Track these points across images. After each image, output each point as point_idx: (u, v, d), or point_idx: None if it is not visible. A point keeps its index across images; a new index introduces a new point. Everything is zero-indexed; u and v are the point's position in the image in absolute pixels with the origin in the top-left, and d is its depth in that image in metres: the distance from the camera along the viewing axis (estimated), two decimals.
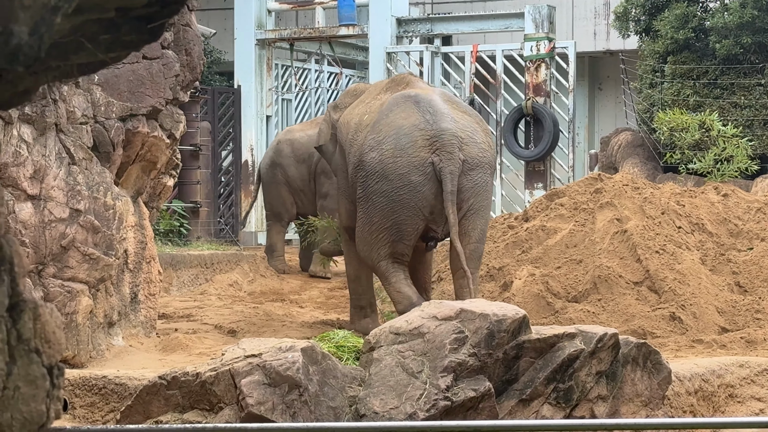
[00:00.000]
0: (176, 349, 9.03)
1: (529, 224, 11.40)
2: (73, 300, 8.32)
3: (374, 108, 10.13)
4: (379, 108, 10.05)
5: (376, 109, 10.06)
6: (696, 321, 10.03)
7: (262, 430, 6.31)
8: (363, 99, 10.56)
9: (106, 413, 7.52)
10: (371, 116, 10.05)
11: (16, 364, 2.26)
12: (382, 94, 10.34)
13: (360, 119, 10.18)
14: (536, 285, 10.42)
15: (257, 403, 6.35)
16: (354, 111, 10.44)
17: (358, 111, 10.37)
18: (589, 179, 11.70)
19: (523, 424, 6.76)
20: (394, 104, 9.93)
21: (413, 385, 6.55)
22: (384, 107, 9.98)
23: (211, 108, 17.91)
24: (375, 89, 10.65)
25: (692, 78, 19.94)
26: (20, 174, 8.02)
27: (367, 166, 9.75)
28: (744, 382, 8.51)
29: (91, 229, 8.46)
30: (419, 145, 9.59)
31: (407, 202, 9.57)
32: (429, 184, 9.50)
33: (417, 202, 9.54)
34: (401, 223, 9.63)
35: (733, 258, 10.84)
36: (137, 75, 9.04)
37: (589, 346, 7.02)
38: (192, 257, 13.62)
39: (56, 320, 2.32)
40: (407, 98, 9.93)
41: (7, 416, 2.23)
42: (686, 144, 18.37)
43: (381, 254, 9.79)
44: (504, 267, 10.90)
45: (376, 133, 9.81)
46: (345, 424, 6.43)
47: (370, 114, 10.10)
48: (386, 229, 9.71)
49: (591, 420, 6.87)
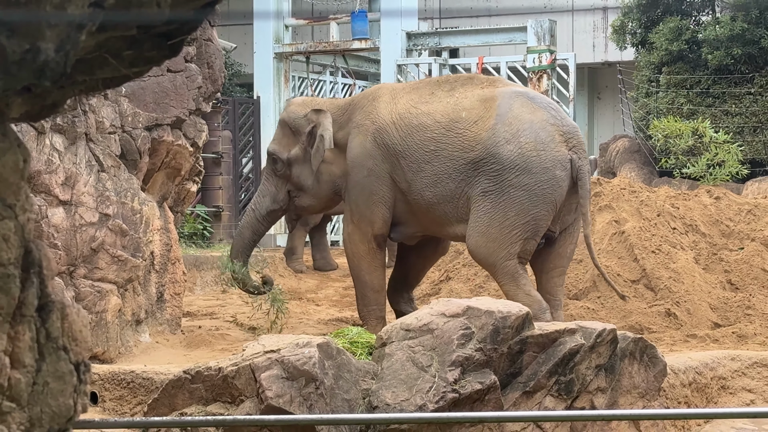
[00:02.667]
0: (200, 345, 9.04)
1: None
2: (102, 299, 8.33)
3: (464, 104, 9.20)
4: (472, 104, 9.18)
5: (471, 106, 9.17)
6: (690, 317, 10.01)
7: (281, 422, 6.31)
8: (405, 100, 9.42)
9: (134, 406, 7.52)
10: (473, 112, 9.14)
11: (45, 361, 2.26)
12: (452, 92, 9.38)
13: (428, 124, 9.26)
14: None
15: (276, 396, 6.35)
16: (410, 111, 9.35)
17: (424, 110, 9.32)
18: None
19: (526, 415, 6.74)
20: (508, 98, 9.18)
21: (423, 378, 6.54)
22: (496, 102, 9.14)
23: (232, 118, 17.94)
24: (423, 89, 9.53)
25: (686, 87, 19.91)
26: (53, 181, 8.04)
27: (503, 159, 8.94)
28: (735, 375, 8.48)
29: (119, 233, 8.47)
30: (557, 141, 9.03)
31: (548, 196, 8.92)
32: (567, 180, 8.97)
33: (556, 198, 8.94)
34: (539, 219, 8.95)
35: (725, 257, 10.81)
36: (162, 87, 9.05)
37: (588, 341, 7.01)
38: (215, 258, 13.60)
39: (83, 319, 2.32)
40: (519, 94, 9.29)
41: (37, 410, 2.23)
42: (680, 150, 18.33)
43: (511, 252, 8.99)
44: None
45: (507, 125, 9.00)
46: (359, 416, 6.42)
47: (467, 110, 9.16)
48: (522, 224, 8.96)
49: (591, 411, 6.85)
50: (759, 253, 10.81)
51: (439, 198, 9.19)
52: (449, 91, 9.43)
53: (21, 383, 2.20)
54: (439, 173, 9.18)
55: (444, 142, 9.18)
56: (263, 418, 6.16)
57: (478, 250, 9.04)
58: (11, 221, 2.18)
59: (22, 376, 2.20)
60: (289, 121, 9.98)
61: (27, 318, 2.22)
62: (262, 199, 10.06)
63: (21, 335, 2.20)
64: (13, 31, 1.97)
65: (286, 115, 10.08)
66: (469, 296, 9.23)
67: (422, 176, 9.23)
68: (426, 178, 9.22)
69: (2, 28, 1.96)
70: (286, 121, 10.01)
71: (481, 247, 9.00)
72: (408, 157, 9.29)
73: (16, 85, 2.10)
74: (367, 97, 9.79)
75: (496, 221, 8.94)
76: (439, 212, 9.22)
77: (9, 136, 2.22)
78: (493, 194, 8.94)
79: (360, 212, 9.55)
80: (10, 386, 2.18)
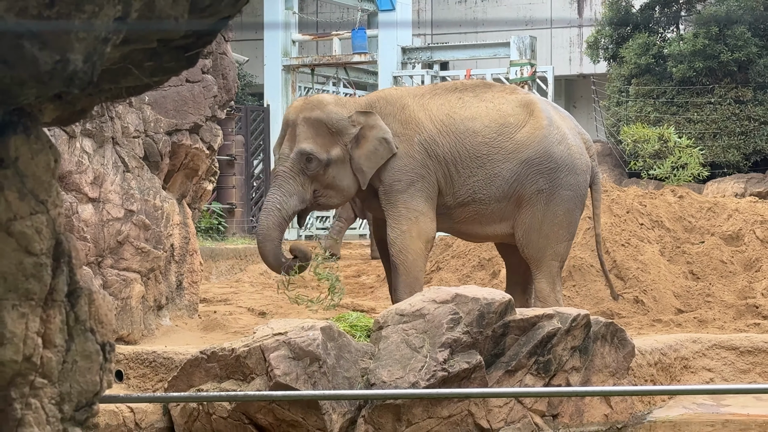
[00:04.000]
0: (215, 328, 9.03)
1: None
2: (127, 287, 8.32)
3: (506, 109, 8.81)
4: (514, 109, 8.82)
5: (513, 111, 8.81)
6: (656, 303, 10.01)
7: (288, 397, 6.31)
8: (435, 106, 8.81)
9: (155, 383, 7.52)
10: (519, 117, 8.78)
11: (74, 342, 2.25)
12: (481, 97, 8.92)
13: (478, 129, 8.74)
14: None
15: (283, 374, 6.34)
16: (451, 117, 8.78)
17: (466, 115, 8.80)
18: None
19: (509, 391, 6.74)
20: (545, 104, 9.02)
21: (416, 358, 6.54)
22: (538, 107, 8.87)
23: (244, 123, 17.93)
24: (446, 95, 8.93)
25: (653, 97, 19.91)
26: (82, 180, 8.03)
27: (557, 158, 8.69)
28: (696, 356, 8.48)
29: (142, 227, 8.46)
30: (584, 147, 8.92)
31: (584, 198, 8.84)
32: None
33: (585, 200, 8.88)
34: (577, 220, 8.91)
35: (687, 250, 10.81)
36: (181, 96, 9.04)
37: (565, 325, 7.01)
38: (228, 250, 13.61)
39: (108, 304, 2.32)
40: (547, 102, 9.18)
41: (67, 386, 2.23)
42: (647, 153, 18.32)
43: (557, 252, 8.74)
44: (493, 258, 10.87)
45: (556, 128, 8.79)
46: (358, 392, 6.42)
47: (513, 115, 8.79)
48: (567, 224, 8.77)
49: (567, 388, 6.85)
50: (718, 246, 10.81)
51: (491, 198, 8.73)
52: (476, 96, 8.93)
53: (52, 362, 2.19)
54: (493, 175, 8.71)
55: (496, 146, 8.73)
56: (272, 394, 6.16)
57: (530, 245, 8.68)
58: (43, 215, 2.18)
59: (53, 356, 2.20)
60: (328, 121, 8.66)
61: (57, 303, 2.21)
62: (289, 199, 8.64)
63: (52, 318, 2.20)
64: (45, 43, 1.96)
65: (323, 115, 8.67)
66: (457, 285, 9.21)
67: (475, 179, 8.71)
68: (479, 181, 8.71)
69: (35, 41, 1.95)
70: (324, 121, 8.66)
71: (533, 242, 8.67)
72: (460, 163, 8.70)
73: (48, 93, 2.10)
74: (392, 103, 8.87)
75: (548, 218, 8.67)
76: (485, 212, 8.76)
77: (41, 139, 2.22)
78: (547, 192, 8.65)
79: (419, 211, 8.65)
80: (42, 364, 2.17)
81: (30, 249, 2.14)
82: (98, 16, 1.98)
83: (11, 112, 2.15)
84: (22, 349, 2.12)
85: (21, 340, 2.12)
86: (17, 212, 2.14)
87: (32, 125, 2.20)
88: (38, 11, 1.93)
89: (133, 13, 2.04)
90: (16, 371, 2.13)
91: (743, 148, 19.41)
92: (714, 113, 19.47)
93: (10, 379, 2.13)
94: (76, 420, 2.23)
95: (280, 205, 8.62)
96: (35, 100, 2.15)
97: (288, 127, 8.77)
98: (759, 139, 19.39)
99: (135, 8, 2.05)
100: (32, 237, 2.14)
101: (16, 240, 2.13)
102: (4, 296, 2.11)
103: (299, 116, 8.70)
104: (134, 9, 2.05)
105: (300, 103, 8.92)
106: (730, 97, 19.48)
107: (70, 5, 1.95)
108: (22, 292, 2.13)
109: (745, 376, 8.38)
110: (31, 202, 2.16)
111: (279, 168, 8.71)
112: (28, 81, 2.00)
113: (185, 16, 2.11)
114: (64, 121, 2.41)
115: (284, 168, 8.66)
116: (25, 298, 2.13)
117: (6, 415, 2.14)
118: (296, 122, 8.71)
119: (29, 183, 2.16)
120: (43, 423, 2.17)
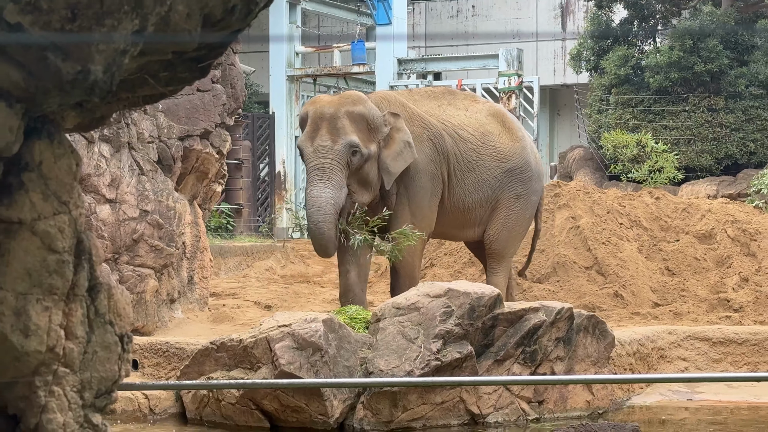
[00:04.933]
0: (224, 320, 9.02)
1: None
2: (142, 282, 8.31)
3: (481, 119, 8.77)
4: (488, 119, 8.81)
5: (488, 120, 8.79)
6: (634, 297, 10.01)
7: (292, 384, 6.30)
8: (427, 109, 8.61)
9: (168, 371, 7.51)
10: (495, 126, 8.79)
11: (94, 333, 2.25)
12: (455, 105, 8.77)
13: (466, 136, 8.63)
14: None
15: (288, 363, 6.34)
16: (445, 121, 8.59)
17: (456, 123, 8.64)
18: (550, 186, 11.68)
19: (497, 379, 6.74)
20: (509, 114, 9.14)
21: (411, 348, 6.53)
22: (506, 117, 8.98)
23: (251, 130, 17.92)
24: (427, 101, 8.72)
25: (631, 106, 19.91)
26: (100, 182, 8.02)
27: (532, 167, 8.85)
28: (672, 346, 8.49)
29: (156, 226, 8.45)
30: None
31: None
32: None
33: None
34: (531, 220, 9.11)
35: (663, 248, 10.82)
36: (193, 104, 9.03)
37: (549, 317, 7.01)
38: (236, 248, 13.61)
39: (126, 298, 2.31)
40: (508, 112, 9.27)
41: (87, 374, 2.22)
42: (626, 158, 18.34)
43: (516, 248, 9.01)
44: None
45: (527, 139, 8.99)
46: (357, 380, 6.42)
47: (489, 124, 8.78)
48: (527, 224, 9.01)
49: (552, 376, 6.85)
50: (692, 244, 10.81)
51: (476, 203, 8.69)
52: (451, 104, 8.81)
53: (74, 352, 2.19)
54: (479, 181, 8.67)
55: (482, 154, 8.68)
56: (277, 382, 6.15)
57: (498, 242, 8.76)
58: (66, 215, 2.17)
59: (75, 346, 2.19)
60: (369, 117, 8.09)
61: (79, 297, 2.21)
62: (339, 192, 7.87)
63: (74, 311, 2.19)
64: (67, 55, 1.96)
65: (366, 111, 8.09)
66: (449, 280, 9.21)
67: (465, 183, 8.63)
68: (469, 185, 8.63)
69: (58, 52, 1.95)
70: (366, 116, 8.08)
71: (501, 240, 8.76)
72: (456, 165, 8.59)
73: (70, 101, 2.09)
74: (394, 103, 8.47)
75: (518, 220, 8.81)
76: (470, 216, 8.71)
77: (64, 144, 2.22)
78: (523, 197, 8.80)
79: (423, 214, 8.40)
80: (64, 354, 2.17)
81: (53, 247, 2.14)
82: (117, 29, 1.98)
83: (35, 119, 2.15)
84: (45, 340, 2.12)
85: (45, 331, 2.12)
86: (41, 212, 2.13)
87: (55, 131, 2.20)
88: (61, 25, 1.93)
89: (150, 27, 2.04)
90: (41, 361, 2.13)
91: (715, 153, 19.42)
92: (688, 120, 19.48)
93: (34, 368, 2.13)
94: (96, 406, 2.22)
95: (334, 200, 7.83)
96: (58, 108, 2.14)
97: (323, 121, 8.00)
98: (730, 144, 19.41)
99: (151, 22, 2.04)
100: (55, 236, 2.14)
101: (40, 238, 2.13)
102: (29, 291, 2.11)
103: (340, 110, 8.01)
104: (150, 23, 2.04)
105: (335, 98, 8.30)
106: (703, 106, 19.49)
107: (91, 19, 1.95)
108: (45, 287, 2.12)
109: (717, 365, 8.38)
110: (54, 203, 2.16)
111: (322, 160, 7.88)
112: (51, 90, 2.00)
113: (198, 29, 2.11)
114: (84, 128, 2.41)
115: (329, 160, 7.88)
116: (49, 293, 2.13)
117: (31, 402, 2.14)
118: (337, 116, 7.98)
119: (52, 185, 2.16)
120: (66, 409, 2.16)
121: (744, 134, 19.40)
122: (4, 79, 1.97)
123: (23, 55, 1.93)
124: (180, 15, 2.08)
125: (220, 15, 2.15)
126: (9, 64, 1.95)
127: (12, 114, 2.03)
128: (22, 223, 2.11)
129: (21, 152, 2.12)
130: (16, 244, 2.10)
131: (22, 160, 2.13)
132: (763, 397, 7.74)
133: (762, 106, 19.39)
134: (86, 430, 2.20)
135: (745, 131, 19.40)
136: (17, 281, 2.10)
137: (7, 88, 1.99)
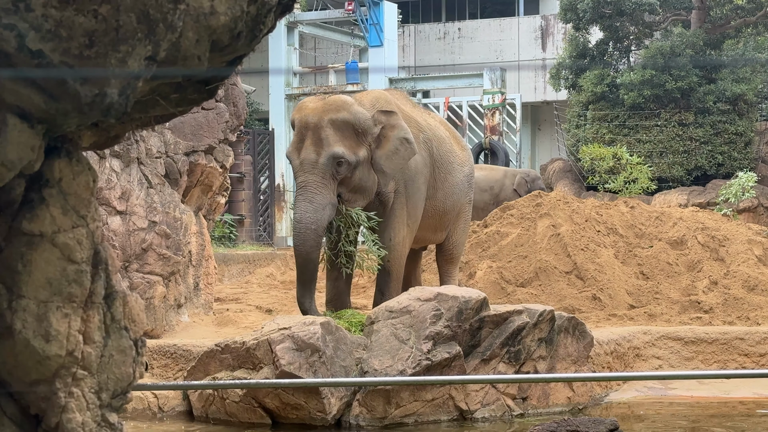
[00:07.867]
0: (228, 323, 9.01)
1: (487, 229, 11.39)
2: (151, 288, 8.31)
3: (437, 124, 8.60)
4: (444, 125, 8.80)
5: (445, 126, 8.79)
6: (611, 300, 10.02)
7: (292, 384, 6.30)
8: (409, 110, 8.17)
9: (176, 372, 7.50)
10: (451, 132, 8.81)
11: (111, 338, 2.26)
12: (417, 109, 8.41)
13: (444, 137, 8.45)
14: (493, 274, 10.41)
15: (288, 364, 6.34)
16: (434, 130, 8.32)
17: (432, 123, 8.40)
18: (532, 196, 11.69)
19: (484, 378, 6.75)
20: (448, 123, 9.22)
21: (403, 349, 6.54)
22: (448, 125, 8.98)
23: (252, 145, 17.92)
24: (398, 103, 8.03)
25: (607, 121, 19.97)
26: (111, 195, 8.02)
27: (473, 177, 8.89)
28: (647, 345, 8.50)
29: (164, 236, 8.45)
30: None
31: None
32: None
33: None
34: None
35: (638, 254, 10.84)
36: (198, 121, 9.04)
37: (532, 319, 7.02)
38: (239, 256, 13.60)
39: (140, 305, 2.32)
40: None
41: (104, 376, 2.23)
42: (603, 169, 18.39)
43: (463, 250, 9.29)
44: (469, 261, 10.88)
45: (467, 150, 9.07)
46: (353, 380, 6.42)
47: (448, 131, 8.77)
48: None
49: (535, 374, 6.86)
50: (665, 250, 10.84)
51: (450, 207, 8.40)
52: (413, 108, 8.34)
53: (92, 356, 2.20)
54: (454, 185, 8.38)
55: (453, 157, 8.37)
56: (278, 382, 6.15)
57: (458, 248, 8.94)
58: (84, 228, 2.18)
59: (93, 350, 2.20)
60: (354, 122, 7.37)
61: (96, 304, 2.22)
62: (323, 212, 7.25)
63: (91, 318, 2.20)
64: (85, 79, 1.97)
65: (350, 116, 7.36)
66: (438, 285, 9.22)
67: (444, 186, 8.23)
68: (447, 189, 8.24)
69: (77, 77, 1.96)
70: (350, 122, 7.36)
71: (459, 244, 8.93)
72: (439, 168, 8.17)
73: (88, 122, 2.11)
74: (390, 103, 7.79)
75: (468, 227, 9.11)
76: (445, 219, 8.47)
77: (82, 162, 2.23)
78: (470, 204, 8.98)
79: (417, 215, 7.96)
80: (83, 358, 2.18)
81: (72, 258, 2.15)
82: (131, 55, 1.99)
83: (55, 139, 2.16)
84: (65, 345, 2.13)
85: (64, 337, 2.13)
86: (61, 226, 2.14)
87: (73, 150, 2.21)
88: (80, 51, 1.95)
89: (162, 52, 2.06)
90: (60, 364, 2.13)
91: (686, 165, 19.49)
92: (660, 134, 19.55)
93: (55, 371, 2.14)
94: (113, 407, 2.23)
95: (315, 225, 7.24)
96: (76, 128, 2.16)
97: (308, 131, 7.34)
98: (699, 156, 19.48)
99: (163, 48, 2.06)
100: (74, 247, 2.15)
101: (60, 250, 2.14)
102: (50, 299, 2.12)
103: (323, 118, 7.30)
104: (162, 48, 2.06)
105: (319, 105, 7.47)
106: (674, 121, 19.57)
107: (108, 45, 1.96)
108: (65, 296, 2.13)
109: (689, 363, 8.40)
110: (73, 217, 2.17)
111: (307, 177, 7.26)
112: (70, 112, 2.01)
113: (207, 54, 2.12)
114: (100, 146, 2.42)
115: (314, 177, 7.25)
116: (68, 301, 2.14)
117: (51, 403, 2.15)
118: (320, 125, 7.28)
119: (71, 200, 2.17)
120: (84, 409, 2.17)
121: (712, 147, 19.47)
122: (26, 101, 1.99)
123: (44, 80, 1.95)
124: (190, 41, 2.09)
125: (227, 41, 2.16)
126: (31, 88, 1.96)
127: (34, 134, 2.04)
128: (43, 235, 2.12)
129: (42, 170, 2.14)
130: (37, 255, 2.11)
131: (43, 177, 2.14)
132: (732, 392, 7.76)
133: (729, 121, 19.48)
134: (103, 428, 2.20)
135: (714, 144, 19.47)
136: (39, 290, 2.11)
137: (29, 110, 2.01)
